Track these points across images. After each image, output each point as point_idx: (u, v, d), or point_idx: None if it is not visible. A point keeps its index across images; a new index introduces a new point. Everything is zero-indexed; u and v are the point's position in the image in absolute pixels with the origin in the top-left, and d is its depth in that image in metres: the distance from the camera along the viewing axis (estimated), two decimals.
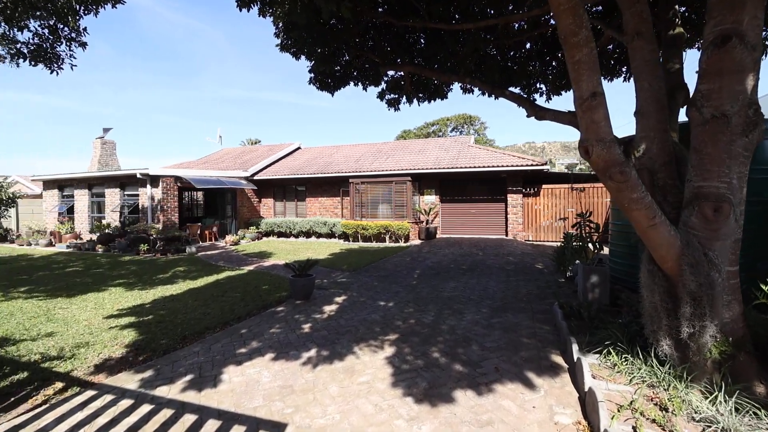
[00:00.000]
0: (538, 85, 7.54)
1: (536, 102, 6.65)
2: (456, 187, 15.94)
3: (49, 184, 16.75)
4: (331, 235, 16.46)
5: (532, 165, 13.54)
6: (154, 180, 13.63)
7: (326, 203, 17.68)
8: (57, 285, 7.90)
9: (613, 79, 7.39)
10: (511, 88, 7.37)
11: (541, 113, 4.54)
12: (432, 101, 8.30)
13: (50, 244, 14.98)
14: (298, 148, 22.53)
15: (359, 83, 8.02)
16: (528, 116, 4.87)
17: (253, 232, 16.61)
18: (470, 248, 12.42)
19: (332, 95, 8.14)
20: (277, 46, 7.01)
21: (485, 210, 15.57)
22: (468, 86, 7.71)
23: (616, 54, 6.96)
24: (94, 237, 14.17)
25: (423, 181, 16.17)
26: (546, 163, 13.53)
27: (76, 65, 6.91)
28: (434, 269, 9.03)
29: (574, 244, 7.13)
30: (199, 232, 15.73)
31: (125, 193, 14.65)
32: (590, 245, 5.52)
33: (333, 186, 17.41)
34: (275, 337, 4.69)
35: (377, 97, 8.24)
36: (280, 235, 17.44)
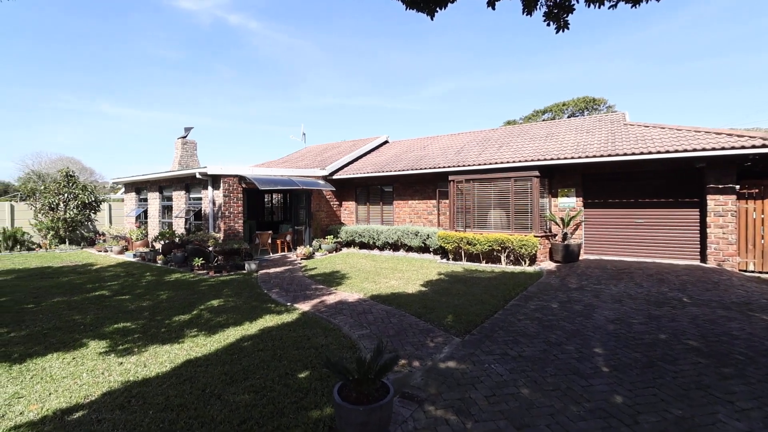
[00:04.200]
0: None
1: None
2: (608, 184, 10.84)
3: (128, 187, 16.10)
4: (424, 248, 12.68)
5: (764, 145, 7.96)
6: (215, 181, 11.45)
7: (418, 208, 13.95)
8: (46, 326, 5.60)
9: None
10: None
11: None
12: (637, 4, 3.97)
13: (124, 250, 14.00)
14: (386, 141, 19.23)
15: None
16: None
17: (330, 243, 13.70)
18: (654, 285, 7.48)
19: (432, 17, 4.42)
20: None
21: (661, 219, 10.19)
22: None
23: None
24: (160, 245, 12.64)
25: (556, 177, 11.40)
26: None
27: None
28: (628, 343, 4.62)
29: None
30: (270, 241, 13.36)
31: (190, 196, 12.87)
32: None
33: (427, 185, 13.61)
34: None
35: (523, 6, 4.20)
36: (362, 246, 14.25)
